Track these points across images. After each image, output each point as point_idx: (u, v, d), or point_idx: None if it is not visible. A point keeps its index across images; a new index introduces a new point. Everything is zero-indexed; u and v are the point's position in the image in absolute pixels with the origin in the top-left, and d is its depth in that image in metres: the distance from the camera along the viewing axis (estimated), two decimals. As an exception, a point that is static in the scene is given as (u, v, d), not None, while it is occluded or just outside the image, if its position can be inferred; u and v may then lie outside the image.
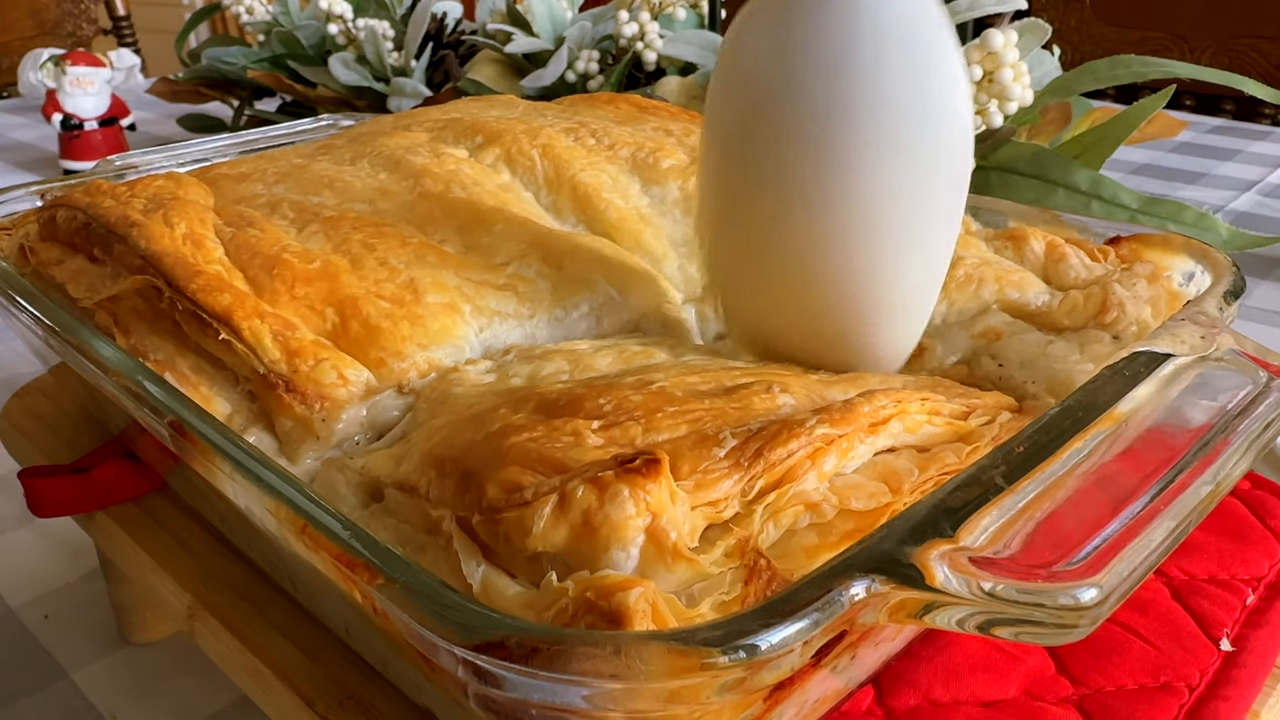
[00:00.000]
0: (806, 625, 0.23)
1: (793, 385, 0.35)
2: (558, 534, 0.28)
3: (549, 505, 0.28)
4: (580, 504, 0.28)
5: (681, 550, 0.27)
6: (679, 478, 0.29)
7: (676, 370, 0.37)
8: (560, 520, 0.28)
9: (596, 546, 0.27)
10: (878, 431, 0.33)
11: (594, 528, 0.27)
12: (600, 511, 0.27)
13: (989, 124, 0.83)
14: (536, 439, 0.31)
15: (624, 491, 0.27)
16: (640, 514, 0.27)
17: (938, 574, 0.25)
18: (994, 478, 0.28)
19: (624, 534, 0.27)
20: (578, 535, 0.28)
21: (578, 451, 0.30)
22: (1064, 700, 0.37)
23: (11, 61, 1.87)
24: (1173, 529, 0.27)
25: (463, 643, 0.24)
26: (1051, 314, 0.42)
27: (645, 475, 0.28)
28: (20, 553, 0.60)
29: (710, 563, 0.28)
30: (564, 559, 0.28)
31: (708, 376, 0.35)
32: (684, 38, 1.07)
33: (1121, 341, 0.39)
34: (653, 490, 0.28)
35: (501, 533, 0.29)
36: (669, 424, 0.32)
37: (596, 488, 0.28)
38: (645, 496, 0.27)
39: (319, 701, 0.36)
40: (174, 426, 0.34)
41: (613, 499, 0.27)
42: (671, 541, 0.27)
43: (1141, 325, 0.40)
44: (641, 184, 0.53)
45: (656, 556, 0.27)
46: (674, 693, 0.23)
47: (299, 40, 1.32)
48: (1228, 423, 0.31)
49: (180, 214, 0.45)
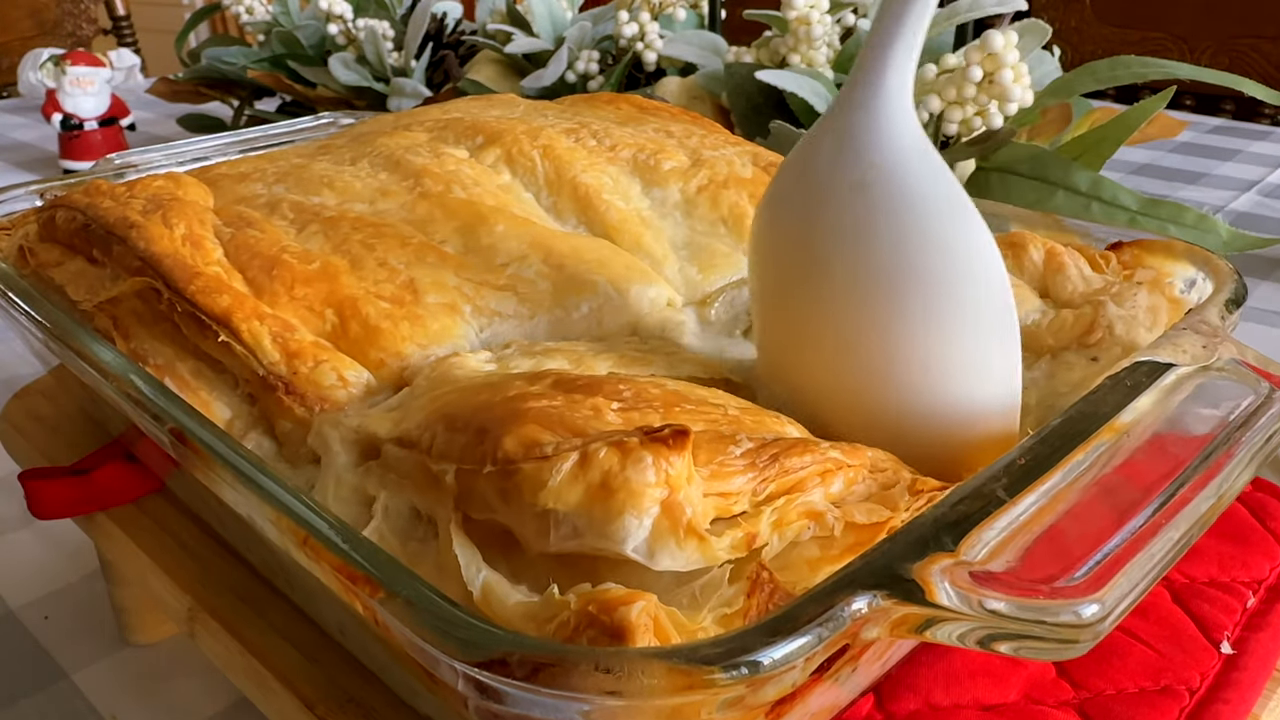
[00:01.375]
0: (809, 641, 0.23)
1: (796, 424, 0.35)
2: (573, 492, 0.27)
3: (569, 461, 0.28)
4: (602, 464, 0.27)
5: (695, 528, 0.27)
6: (696, 465, 0.29)
7: (686, 383, 0.37)
8: (578, 478, 0.27)
9: (610, 510, 0.27)
10: (875, 477, 0.33)
11: (611, 490, 0.27)
12: (621, 475, 0.27)
13: (989, 125, 0.83)
14: (557, 406, 0.31)
15: (648, 458, 0.27)
16: (659, 484, 0.27)
17: (939, 590, 0.24)
18: (995, 490, 0.28)
19: (641, 501, 0.27)
20: (593, 496, 0.27)
21: (598, 424, 0.30)
22: (1064, 704, 0.37)
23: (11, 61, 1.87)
24: (1175, 542, 0.26)
25: (464, 659, 0.23)
26: (1039, 333, 0.42)
27: (671, 446, 0.27)
28: (20, 554, 0.60)
29: (718, 549, 0.28)
30: (573, 520, 0.28)
31: (715, 395, 0.36)
32: (684, 38, 1.07)
33: (1100, 364, 0.39)
34: (675, 463, 0.27)
35: (513, 485, 0.28)
36: (686, 418, 0.32)
37: (620, 450, 0.27)
38: (667, 467, 0.27)
39: (319, 704, 0.36)
40: (174, 434, 0.34)
41: (635, 463, 0.27)
42: (686, 518, 0.27)
43: (1126, 347, 0.40)
44: (642, 186, 0.53)
45: (669, 530, 0.27)
46: (675, 709, 0.23)
47: (299, 40, 1.32)
48: (1230, 434, 0.31)
49: (179, 215, 0.45)
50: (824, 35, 0.96)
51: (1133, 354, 0.37)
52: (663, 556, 0.27)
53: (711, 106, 1.00)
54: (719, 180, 0.52)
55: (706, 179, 0.53)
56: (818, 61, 0.97)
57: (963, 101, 0.82)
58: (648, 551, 0.27)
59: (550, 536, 0.28)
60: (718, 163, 0.54)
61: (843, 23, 1.01)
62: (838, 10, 0.99)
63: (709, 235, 0.50)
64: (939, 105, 0.83)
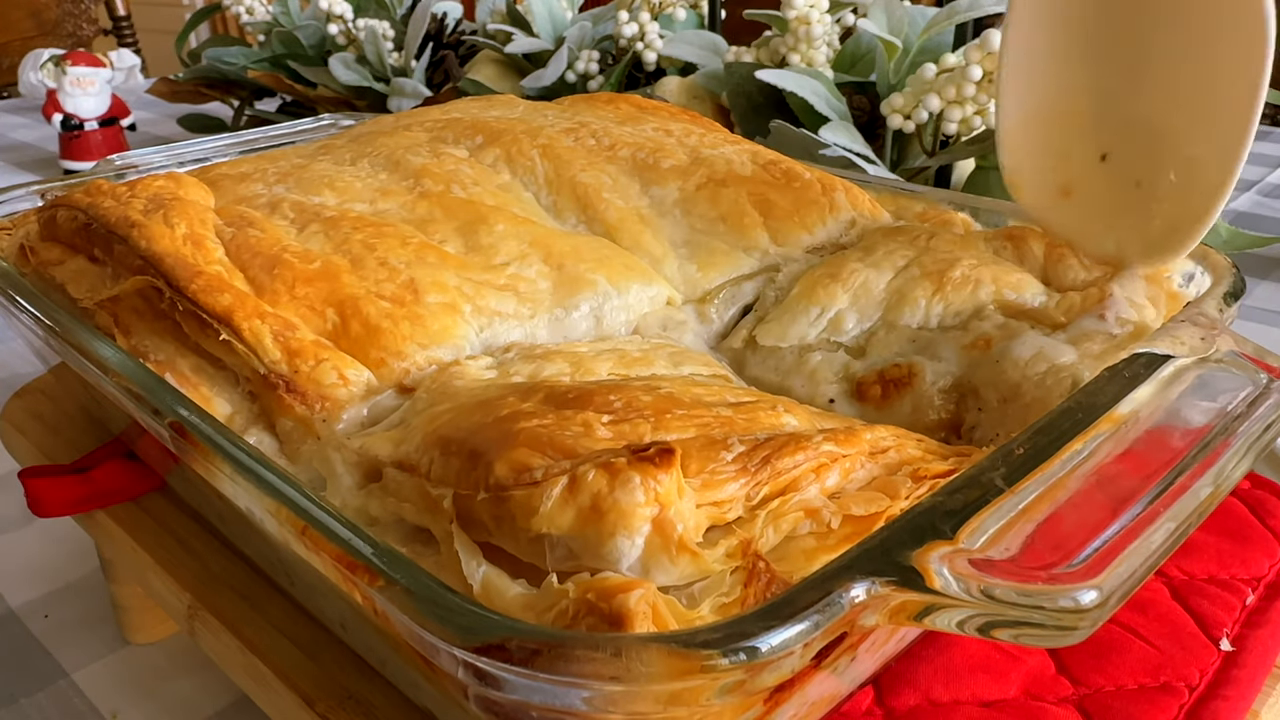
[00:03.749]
0: (807, 627, 0.23)
1: (796, 410, 0.35)
2: (564, 516, 0.28)
3: (558, 486, 0.28)
4: (590, 487, 0.28)
5: (687, 543, 0.27)
6: (687, 475, 0.29)
7: (682, 382, 0.37)
8: (569, 502, 0.28)
9: (602, 532, 0.27)
10: (876, 460, 0.33)
11: (602, 512, 0.27)
12: (610, 497, 0.27)
13: (989, 124, 0.83)
14: (547, 426, 0.31)
15: (635, 479, 0.27)
16: (649, 503, 0.27)
17: (937, 576, 0.25)
18: (994, 479, 0.28)
19: (631, 521, 0.27)
20: (584, 519, 0.27)
21: (588, 441, 0.30)
22: (1064, 700, 0.37)
23: (12, 61, 1.87)
24: (1173, 531, 0.27)
25: (463, 645, 0.24)
26: (1049, 312, 0.42)
27: (658, 465, 0.28)
28: (21, 553, 0.60)
29: (712, 560, 0.28)
30: (567, 543, 0.28)
31: (713, 392, 0.36)
32: (684, 38, 1.07)
33: (1115, 339, 0.39)
34: (664, 481, 0.27)
35: (506, 512, 0.28)
36: (678, 425, 0.32)
37: (608, 472, 0.28)
38: (656, 486, 0.27)
39: (319, 701, 0.36)
40: (175, 428, 0.34)
41: (623, 485, 0.27)
42: (677, 534, 0.27)
43: (1140, 326, 0.40)
44: (641, 184, 0.53)
45: (661, 548, 0.27)
46: (674, 695, 0.23)
47: (299, 40, 1.32)
48: (1228, 424, 0.31)
49: (180, 214, 0.45)
50: (824, 35, 0.96)
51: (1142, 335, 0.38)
52: (658, 573, 0.27)
53: (711, 106, 1.00)
54: (718, 178, 0.53)
55: (705, 177, 0.53)
56: (818, 61, 0.97)
57: (962, 100, 0.82)
58: (642, 569, 0.28)
59: (547, 558, 0.28)
60: (717, 161, 0.54)
61: (842, 22, 1.01)
62: (838, 10, 0.99)
63: (708, 233, 0.50)
64: (939, 104, 0.83)
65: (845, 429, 0.33)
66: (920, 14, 0.94)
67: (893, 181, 0.59)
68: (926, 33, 0.91)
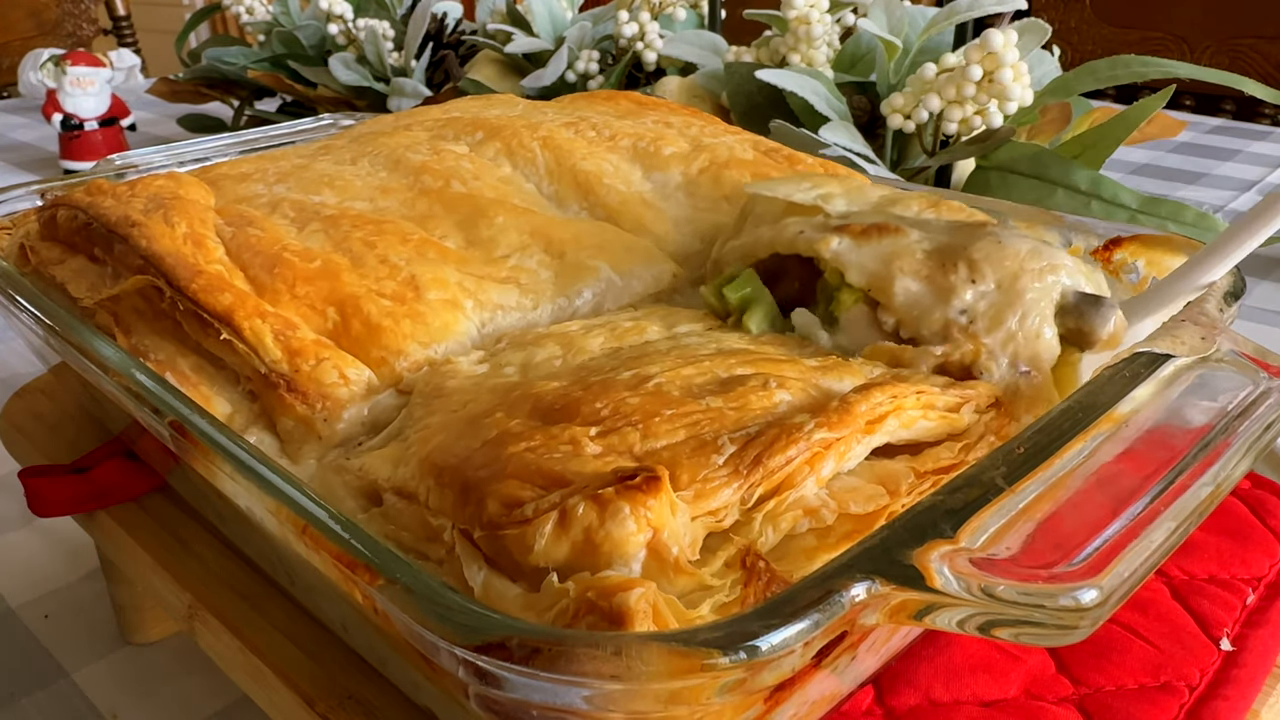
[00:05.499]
0: (807, 626, 0.23)
1: (789, 379, 0.35)
2: (559, 550, 0.28)
3: (550, 523, 0.28)
4: (581, 521, 0.28)
5: (683, 565, 0.27)
6: (679, 488, 0.29)
7: (671, 360, 0.36)
8: (561, 537, 0.28)
9: (599, 562, 0.27)
10: (874, 430, 0.33)
11: (595, 544, 0.27)
12: (601, 529, 0.27)
13: (989, 124, 0.83)
14: (534, 449, 0.31)
15: (625, 509, 0.27)
16: (641, 530, 0.27)
17: (938, 575, 0.25)
18: (994, 478, 0.28)
19: (625, 550, 0.27)
20: (579, 552, 0.27)
21: (576, 462, 0.30)
22: (1064, 700, 0.37)
23: (12, 61, 1.87)
24: (1173, 530, 0.27)
25: (464, 643, 0.24)
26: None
27: (646, 491, 0.28)
28: (21, 553, 0.60)
29: (711, 574, 0.28)
30: (564, 573, 0.28)
31: (703, 368, 0.35)
32: (684, 38, 1.07)
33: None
34: (653, 506, 0.27)
35: (502, 547, 0.29)
36: (667, 429, 0.32)
37: (597, 505, 0.28)
38: (646, 513, 0.27)
39: (320, 701, 0.36)
40: (175, 427, 0.34)
41: (613, 516, 0.27)
42: (673, 556, 0.27)
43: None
44: (643, 171, 0.54)
45: (658, 570, 0.27)
46: (675, 694, 0.23)
47: (299, 40, 1.32)
48: (1228, 424, 0.31)
49: (181, 214, 0.45)
50: (824, 35, 0.96)
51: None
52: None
53: (711, 106, 1.00)
54: (720, 162, 0.53)
55: (708, 161, 0.53)
56: (818, 61, 0.97)
57: (962, 100, 0.82)
58: None
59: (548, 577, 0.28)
60: (718, 148, 0.54)
61: (843, 22, 1.01)
62: (838, 10, 0.99)
63: (712, 211, 0.51)
64: (939, 104, 0.83)
65: (838, 406, 0.32)
66: (920, 14, 0.94)
67: (893, 181, 0.59)
68: (926, 33, 0.91)
